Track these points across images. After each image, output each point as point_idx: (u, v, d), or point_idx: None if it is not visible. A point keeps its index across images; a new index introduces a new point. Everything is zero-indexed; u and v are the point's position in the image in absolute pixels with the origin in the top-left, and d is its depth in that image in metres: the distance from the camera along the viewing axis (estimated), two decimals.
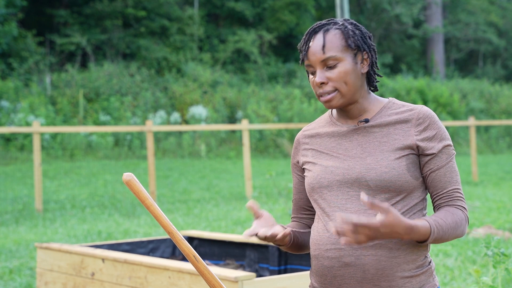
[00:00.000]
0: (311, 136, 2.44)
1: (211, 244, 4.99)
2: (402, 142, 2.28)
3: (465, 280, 6.11)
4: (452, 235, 2.23)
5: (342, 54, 2.29)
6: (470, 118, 15.86)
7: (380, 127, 2.32)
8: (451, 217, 2.23)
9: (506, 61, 31.93)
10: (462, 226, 2.25)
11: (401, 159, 2.27)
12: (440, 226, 2.19)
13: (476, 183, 14.35)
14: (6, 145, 17.45)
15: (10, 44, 20.98)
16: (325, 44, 2.29)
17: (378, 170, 2.25)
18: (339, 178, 2.30)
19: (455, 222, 2.23)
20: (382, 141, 2.30)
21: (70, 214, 10.59)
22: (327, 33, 2.31)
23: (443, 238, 2.21)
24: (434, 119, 2.31)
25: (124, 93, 20.18)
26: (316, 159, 2.38)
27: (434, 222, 2.18)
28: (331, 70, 2.29)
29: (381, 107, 2.36)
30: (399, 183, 2.25)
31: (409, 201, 2.28)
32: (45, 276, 4.70)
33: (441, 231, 2.19)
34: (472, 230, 8.47)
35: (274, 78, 24.83)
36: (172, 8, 24.47)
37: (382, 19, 29.39)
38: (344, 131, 2.36)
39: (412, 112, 2.31)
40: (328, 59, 2.28)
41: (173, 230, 2.27)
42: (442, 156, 2.29)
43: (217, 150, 18.77)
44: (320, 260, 2.32)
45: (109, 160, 17.19)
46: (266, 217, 2.30)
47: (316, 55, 2.29)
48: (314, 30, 2.33)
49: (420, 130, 2.29)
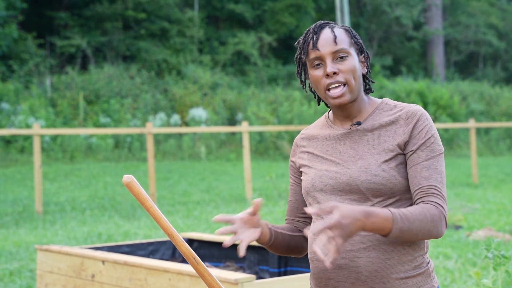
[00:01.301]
0: (308, 139, 2.44)
1: (211, 246, 4.99)
2: (392, 142, 2.27)
3: (465, 282, 6.10)
4: (422, 228, 2.15)
5: (350, 49, 2.31)
6: (470, 120, 15.86)
7: (372, 129, 2.32)
8: (419, 210, 2.16)
9: (506, 63, 31.93)
10: (434, 221, 2.16)
11: (391, 161, 2.26)
12: (405, 215, 2.12)
13: (476, 185, 14.34)
14: (6, 147, 17.45)
15: (11, 46, 20.99)
16: (336, 36, 2.30)
17: (368, 173, 2.24)
18: (332, 182, 2.29)
19: (424, 215, 2.15)
20: (373, 144, 2.29)
21: (70, 216, 10.58)
22: (334, 28, 2.33)
23: (410, 230, 2.13)
24: (423, 116, 2.27)
25: (124, 95, 20.19)
26: (312, 162, 2.38)
27: (397, 211, 2.12)
28: (342, 62, 2.29)
29: (374, 108, 2.36)
30: (390, 185, 2.24)
31: (402, 203, 2.27)
32: (45, 278, 4.70)
33: (406, 221, 2.11)
34: (472, 233, 8.47)
35: (274, 80, 24.83)
36: (172, 10, 24.48)
37: (382, 21, 29.40)
38: (338, 134, 2.36)
39: (402, 111, 2.30)
40: (339, 50, 2.29)
41: (173, 232, 2.27)
42: (421, 153, 2.24)
43: (217, 152, 18.77)
44: (315, 262, 2.32)
45: (109, 162, 17.19)
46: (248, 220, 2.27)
47: (329, 46, 2.29)
48: (320, 26, 2.34)
49: (409, 128, 2.27)
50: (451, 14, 32.29)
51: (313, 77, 2.31)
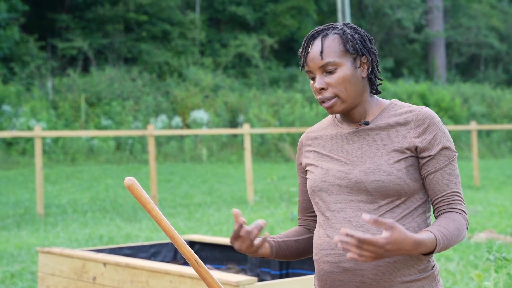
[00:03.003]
0: (314, 138, 2.42)
1: (213, 249, 4.99)
2: (401, 144, 2.26)
3: (467, 284, 6.10)
4: (455, 242, 2.20)
5: (341, 59, 2.27)
6: (471, 123, 15.86)
7: (380, 129, 2.30)
8: (453, 224, 2.19)
9: (508, 66, 31.92)
10: (463, 231, 2.22)
11: (400, 162, 2.24)
12: (445, 236, 2.15)
13: (477, 188, 14.33)
14: (7, 149, 17.46)
15: (12, 49, 21.00)
16: (323, 50, 2.27)
17: (376, 174, 2.23)
18: (339, 182, 2.28)
19: (457, 229, 2.20)
20: (382, 144, 2.28)
21: (71, 219, 10.59)
22: (325, 38, 2.29)
23: (447, 246, 2.17)
24: (434, 120, 2.27)
25: (126, 97, 20.19)
26: (318, 161, 2.37)
27: (439, 233, 2.14)
28: (330, 76, 2.27)
29: (382, 109, 2.34)
30: (398, 187, 2.23)
31: (410, 204, 2.26)
32: (47, 280, 4.70)
33: (445, 240, 2.15)
34: (474, 235, 8.46)
35: (276, 82, 24.83)
36: (173, 13, 24.49)
37: (384, 23, 29.40)
38: (345, 133, 2.34)
39: (412, 113, 2.28)
40: (326, 64, 2.26)
41: (175, 235, 2.27)
42: (440, 159, 2.25)
43: (218, 154, 18.77)
44: (321, 264, 2.31)
45: (110, 164, 17.20)
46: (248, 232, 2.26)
47: (315, 61, 2.27)
48: (312, 36, 2.31)
49: (419, 132, 2.26)
50: (452, 17, 32.29)
51: (311, 87, 2.33)
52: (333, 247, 2.26)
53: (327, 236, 2.28)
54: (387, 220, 2.00)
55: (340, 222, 2.26)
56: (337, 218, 2.27)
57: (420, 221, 2.27)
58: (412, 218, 2.26)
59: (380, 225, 2.00)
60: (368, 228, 2.22)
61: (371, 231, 2.21)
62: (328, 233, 2.28)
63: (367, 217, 2.00)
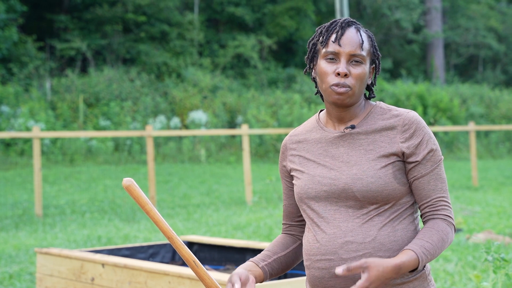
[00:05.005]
0: (298, 141, 2.39)
1: (211, 249, 4.99)
2: (388, 149, 2.25)
3: (465, 285, 6.10)
4: (440, 252, 2.22)
5: (367, 57, 2.29)
6: (470, 123, 15.86)
7: (366, 134, 2.29)
8: (437, 235, 2.21)
9: (506, 66, 31.94)
10: (448, 239, 2.24)
11: (387, 167, 2.24)
12: (427, 251, 2.17)
13: (476, 188, 14.34)
14: (6, 150, 17.45)
15: (10, 49, 21.00)
16: (363, 42, 2.27)
17: (364, 180, 2.23)
18: (326, 188, 2.27)
19: (441, 239, 2.21)
20: (368, 149, 2.27)
21: (70, 219, 10.58)
22: (362, 32, 2.30)
23: (432, 259, 2.20)
24: (420, 125, 2.26)
25: (124, 98, 20.19)
26: (304, 166, 2.34)
27: (421, 249, 2.16)
28: (355, 67, 2.26)
29: (368, 112, 2.32)
30: (386, 192, 2.23)
31: (398, 207, 2.26)
32: (45, 281, 4.69)
33: (429, 255, 2.18)
34: (472, 235, 8.47)
35: (274, 83, 24.84)
36: (172, 13, 24.49)
37: (382, 24, 29.41)
38: (331, 137, 2.32)
39: (398, 118, 2.28)
40: (358, 55, 2.26)
41: (173, 235, 2.27)
42: (426, 164, 2.25)
43: (217, 155, 18.78)
44: (311, 270, 2.31)
45: (109, 165, 17.19)
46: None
47: (351, 47, 2.25)
48: (348, 23, 2.29)
49: (406, 137, 2.25)
50: (451, 17, 32.32)
51: (322, 69, 2.27)
52: (323, 252, 2.26)
53: (317, 241, 2.28)
54: (357, 262, 2.06)
55: (329, 228, 2.26)
56: (326, 224, 2.27)
57: (408, 222, 2.28)
58: (400, 220, 2.26)
59: (353, 270, 2.06)
60: (357, 232, 2.23)
61: (360, 235, 2.22)
62: (318, 238, 2.28)
63: (340, 271, 2.06)
